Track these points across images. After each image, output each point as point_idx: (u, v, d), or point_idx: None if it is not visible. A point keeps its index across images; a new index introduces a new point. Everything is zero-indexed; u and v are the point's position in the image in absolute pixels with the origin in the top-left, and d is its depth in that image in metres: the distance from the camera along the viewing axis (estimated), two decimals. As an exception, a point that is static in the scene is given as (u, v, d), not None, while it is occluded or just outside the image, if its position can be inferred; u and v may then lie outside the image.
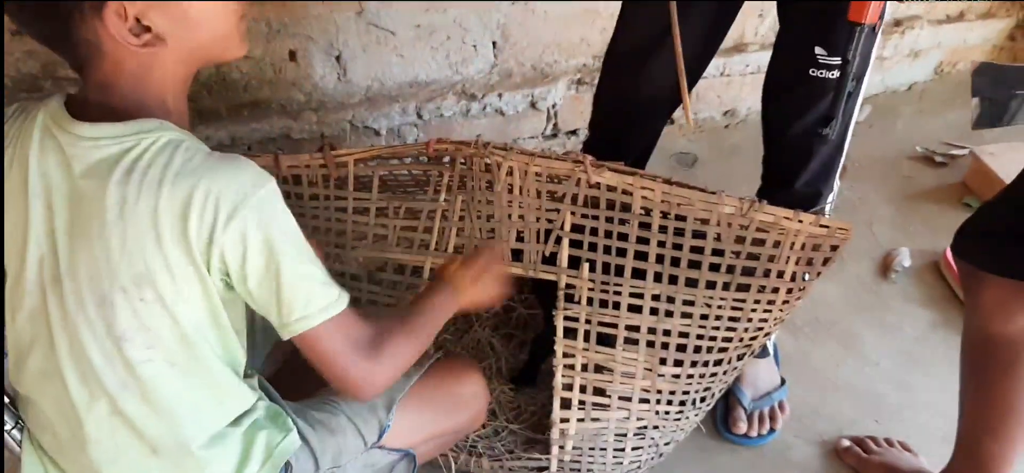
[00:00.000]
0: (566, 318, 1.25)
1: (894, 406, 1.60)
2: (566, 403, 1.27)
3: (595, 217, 1.22)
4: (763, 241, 1.19)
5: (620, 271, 1.23)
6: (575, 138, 2.18)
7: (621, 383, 1.26)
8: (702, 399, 1.32)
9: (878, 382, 1.64)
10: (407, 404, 1.10)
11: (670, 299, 1.23)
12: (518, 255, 1.28)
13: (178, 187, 0.79)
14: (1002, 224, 1.14)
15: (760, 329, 1.26)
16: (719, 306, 1.22)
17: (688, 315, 1.23)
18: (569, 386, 1.26)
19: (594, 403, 1.27)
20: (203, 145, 0.86)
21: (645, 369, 1.25)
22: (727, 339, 1.25)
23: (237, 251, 0.82)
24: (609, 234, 1.23)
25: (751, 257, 1.20)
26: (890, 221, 2.05)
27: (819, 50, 1.24)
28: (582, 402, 1.27)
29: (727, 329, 1.24)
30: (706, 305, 1.22)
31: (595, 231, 1.23)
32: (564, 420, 1.28)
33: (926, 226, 1.99)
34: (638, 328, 1.24)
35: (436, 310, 1.06)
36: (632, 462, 1.34)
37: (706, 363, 1.27)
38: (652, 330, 1.24)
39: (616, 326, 1.24)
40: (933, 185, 2.15)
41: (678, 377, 1.27)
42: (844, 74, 1.15)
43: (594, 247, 1.23)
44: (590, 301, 1.25)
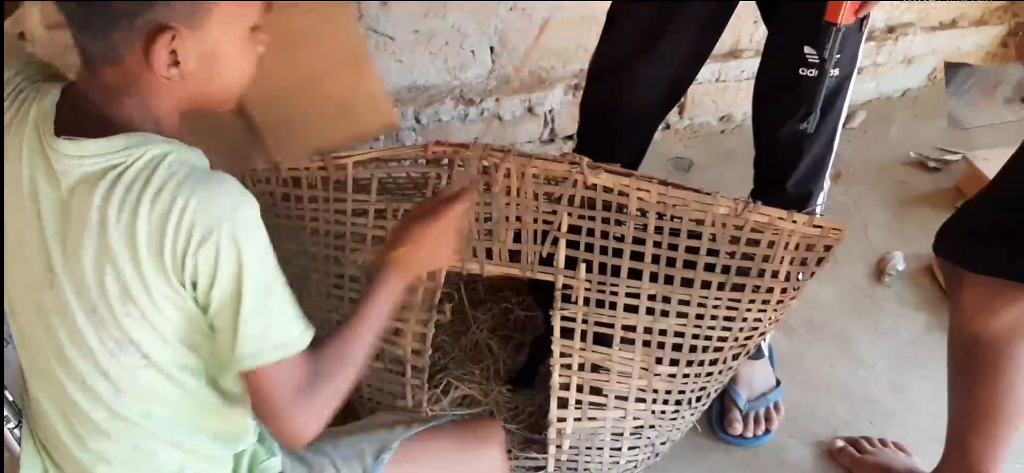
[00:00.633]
0: (563, 318, 1.26)
1: (888, 407, 1.61)
2: (563, 403, 1.28)
3: (592, 218, 1.24)
4: (758, 241, 1.20)
5: (616, 271, 1.24)
6: (572, 143, 2.19)
7: (618, 382, 1.27)
8: (698, 399, 1.33)
9: (872, 384, 1.66)
10: (405, 459, 1.05)
11: (666, 299, 1.24)
12: (515, 256, 1.30)
13: (156, 204, 0.79)
14: (983, 222, 1.16)
15: (755, 329, 1.27)
16: (714, 306, 1.24)
17: (684, 315, 1.24)
18: (566, 386, 1.28)
19: (591, 403, 1.28)
20: (191, 155, 0.85)
21: (641, 369, 1.27)
22: (722, 339, 1.26)
23: (208, 271, 0.80)
24: (606, 235, 1.24)
25: (746, 257, 1.21)
26: (884, 225, 2.06)
27: (809, 50, 1.26)
28: (579, 402, 1.28)
29: (722, 329, 1.25)
30: (701, 305, 1.24)
31: (592, 232, 1.24)
32: (561, 420, 1.29)
33: (920, 230, 2.00)
34: (634, 328, 1.25)
35: (374, 317, 0.96)
36: (629, 462, 1.35)
37: (702, 363, 1.28)
38: (648, 330, 1.25)
39: (613, 326, 1.25)
40: (927, 190, 2.17)
41: (674, 377, 1.28)
42: (821, 72, 1.17)
43: (591, 248, 1.25)
44: (587, 301, 1.26)
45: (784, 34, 1.32)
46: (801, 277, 1.22)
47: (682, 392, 1.30)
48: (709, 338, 1.26)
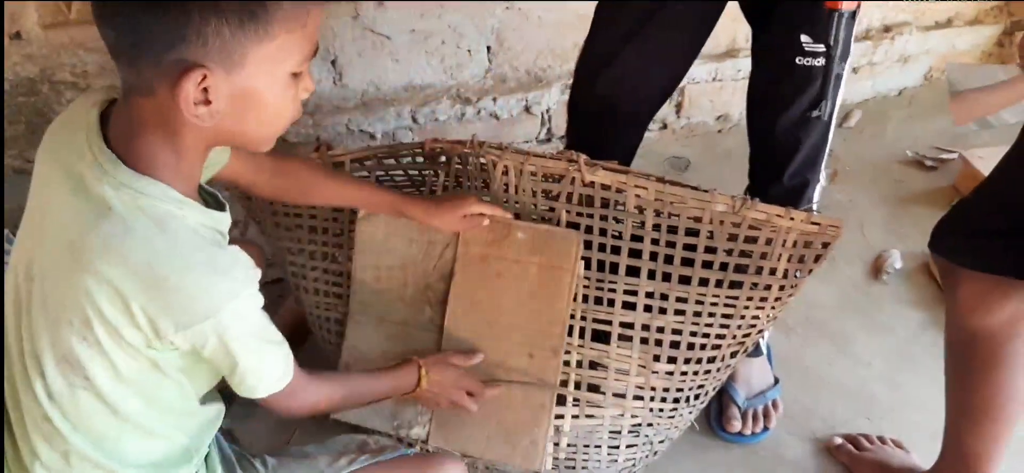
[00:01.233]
0: (561, 315, 1.26)
1: (886, 404, 1.61)
2: (561, 399, 1.28)
3: (590, 215, 1.24)
4: (755, 239, 1.20)
5: (615, 268, 1.24)
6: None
7: (615, 380, 1.27)
8: (696, 396, 1.33)
9: (870, 381, 1.66)
10: None
11: (664, 296, 1.24)
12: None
13: (150, 272, 0.80)
14: (978, 219, 1.16)
15: (753, 326, 1.27)
16: (712, 303, 1.24)
17: (681, 312, 1.24)
18: (564, 382, 1.28)
19: (589, 400, 1.28)
20: (198, 217, 0.86)
21: (639, 366, 1.27)
22: (720, 336, 1.26)
23: (191, 346, 0.85)
24: (603, 232, 1.24)
25: (743, 254, 1.21)
26: (881, 224, 2.07)
27: (805, 38, 1.26)
28: (577, 399, 1.28)
29: (720, 326, 1.26)
30: (699, 302, 1.24)
31: (590, 229, 1.24)
32: (559, 417, 1.29)
33: (917, 228, 2.00)
34: (632, 325, 1.26)
35: (376, 395, 1.16)
36: (627, 460, 1.35)
37: (700, 360, 1.28)
38: (646, 327, 1.25)
39: (611, 323, 1.25)
40: (924, 188, 2.18)
41: (672, 374, 1.28)
42: (830, 59, 1.18)
43: (589, 245, 1.25)
44: (585, 298, 1.26)
45: (779, 25, 1.32)
46: (799, 275, 1.22)
47: (680, 390, 1.30)
48: (707, 336, 1.26)
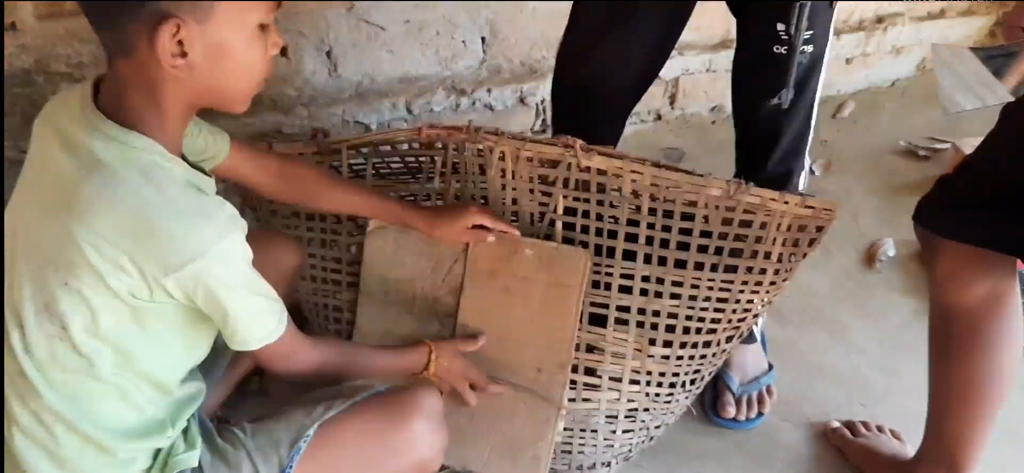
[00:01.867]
0: (558, 300, 1.27)
1: (879, 391, 1.62)
2: (558, 384, 1.29)
3: (586, 200, 1.24)
4: (750, 223, 1.21)
5: (612, 252, 1.25)
6: (564, 133, 2.20)
7: (611, 363, 1.28)
8: (692, 382, 1.34)
9: (864, 368, 1.67)
10: (324, 443, 1.02)
11: (660, 280, 1.25)
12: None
13: (139, 219, 0.83)
14: (960, 192, 1.17)
15: (747, 311, 1.28)
16: (708, 287, 1.24)
17: (677, 296, 1.25)
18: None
19: (585, 383, 1.29)
20: (184, 173, 0.90)
21: (635, 350, 1.28)
22: (715, 320, 1.27)
23: (183, 292, 0.87)
24: (600, 217, 1.25)
25: (738, 239, 1.22)
26: (875, 213, 2.08)
27: (780, 26, 1.27)
28: (573, 382, 1.28)
29: (715, 310, 1.26)
30: (694, 286, 1.24)
31: (587, 214, 1.25)
32: (556, 401, 1.29)
33: (910, 217, 1.99)
34: (629, 308, 1.26)
35: (378, 371, 1.16)
36: (623, 445, 1.35)
37: (695, 345, 1.29)
38: (642, 310, 1.26)
39: (607, 306, 1.26)
40: (917, 178, 2.19)
41: (668, 358, 1.29)
42: (791, 47, 1.18)
43: (586, 229, 1.26)
44: (582, 283, 1.27)
45: (757, 13, 1.33)
46: (793, 258, 1.23)
47: (676, 375, 1.31)
48: (702, 319, 1.27)
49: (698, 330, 1.27)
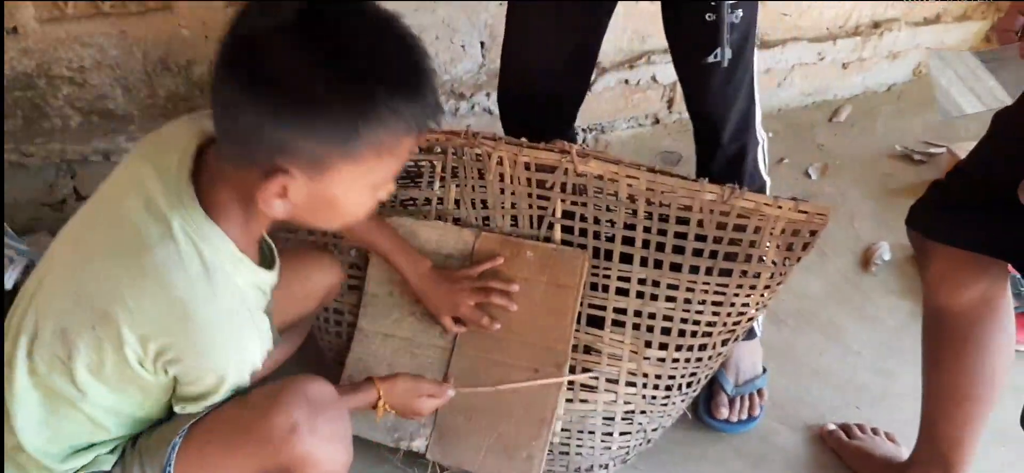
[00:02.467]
0: (556, 302, 1.28)
1: (875, 393, 1.63)
2: (555, 386, 1.30)
3: (584, 204, 1.26)
4: (744, 227, 1.22)
5: (609, 255, 1.27)
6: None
7: (608, 365, 1.29)
8: (688, 384, 1.35)
9: (860, 370, 1.68)
10: (197, 436, 0.97)
11: (655, 283, 1.26)
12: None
13: (181, 315, 0.86)
14: (953, 196, 1.18)
15: (743, 314, 1.29)
16: (703, 290, 1.26)
17: (672, 299, 1.27)
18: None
19: (582, 384, 1.30)
20: (247, 279, 0.91)
21: (631, 352, 1.29)
22: (711, 323, 1.29)
23: (179, 376, 0.91)
24: (598, 220, 1.26)
25: (733, 243, 1.23)
26: (871, 217, 2.09)
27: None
28: (571, 383, 1.30)
29: (711, 313, 1.28)
30: (690, 289, 1.26)
31: (584, 217, 1.27)
32: (553, 402, 1.31)
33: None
34: (625, 311, 1.28)
35: None
36: (620, 447, 1.37)
37: (691, 347, 1.30)
38: (638, 313, 1.27)
39: (604, 308, 1.28)
40: (912, 182, 2.20)
41: (664, 361, 1.30)
42: (717, 10, 1.21)
43: (584, 232, 1.27)
44: (580, 285, 1.28)
45: None
46: (787, 262, 1.24)
47: (672, 377, 1.32)
48: (698, 322, 1.28)
49: (694, 333, 1.29)
